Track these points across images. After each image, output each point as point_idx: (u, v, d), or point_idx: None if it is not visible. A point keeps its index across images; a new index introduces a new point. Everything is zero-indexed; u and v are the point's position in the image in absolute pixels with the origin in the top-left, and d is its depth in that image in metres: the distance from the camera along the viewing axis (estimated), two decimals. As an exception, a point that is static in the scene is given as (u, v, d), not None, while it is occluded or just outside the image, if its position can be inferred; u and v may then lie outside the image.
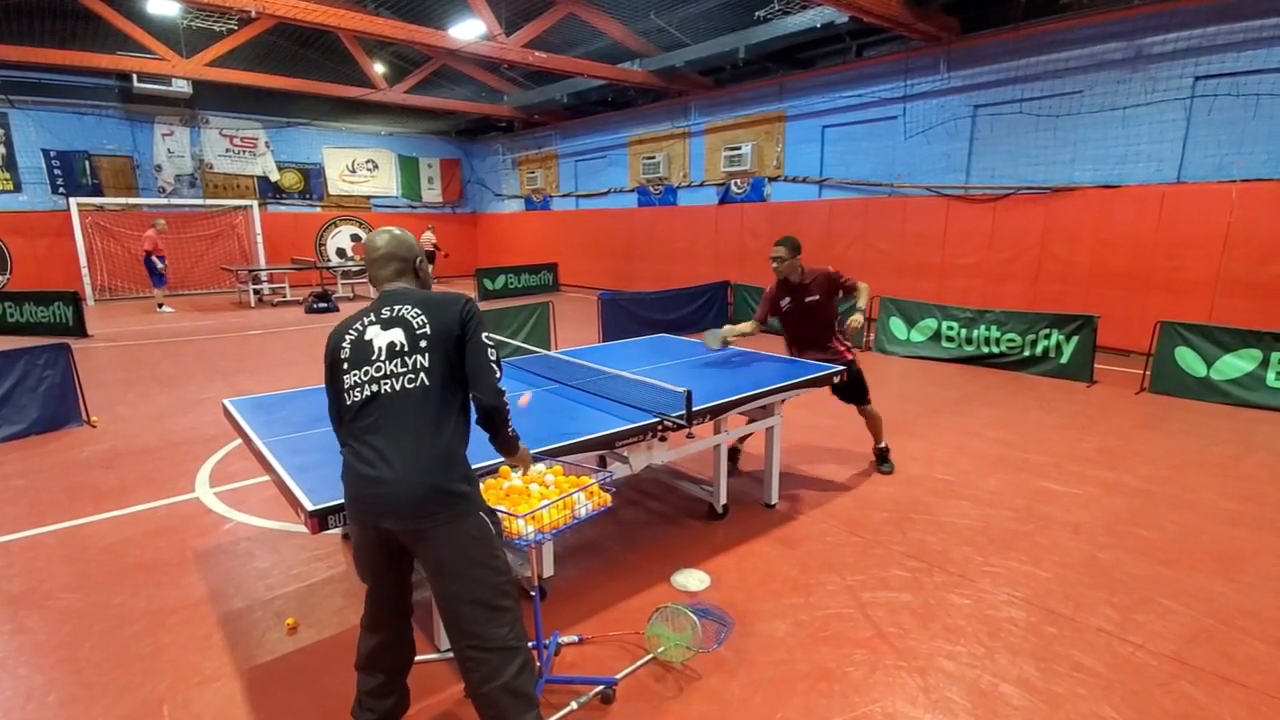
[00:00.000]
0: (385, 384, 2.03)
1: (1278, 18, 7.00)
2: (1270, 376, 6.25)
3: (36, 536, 4.01)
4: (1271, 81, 7.13)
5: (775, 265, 4.53)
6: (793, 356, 4.74)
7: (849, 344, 4.72)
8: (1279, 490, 4.45)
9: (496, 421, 2.15)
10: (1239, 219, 7.39)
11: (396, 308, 2.09)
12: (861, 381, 4.68)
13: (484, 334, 2.11)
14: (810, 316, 4.58)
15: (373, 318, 2.11)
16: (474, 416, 2.16)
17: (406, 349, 2.04)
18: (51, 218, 14.68)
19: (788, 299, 4.59)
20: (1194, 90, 7.63)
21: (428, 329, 2.05)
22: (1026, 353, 7.75)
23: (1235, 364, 6.43)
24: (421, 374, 2.02)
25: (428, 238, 17.56)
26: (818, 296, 4.52)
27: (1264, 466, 4.88)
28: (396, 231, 2.25)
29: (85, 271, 14.76)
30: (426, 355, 2.03)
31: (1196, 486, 4.53)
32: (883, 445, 4.88)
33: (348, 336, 2.12)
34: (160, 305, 13.80)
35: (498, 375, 2.10)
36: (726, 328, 4.70)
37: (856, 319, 4.41)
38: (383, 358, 2.05)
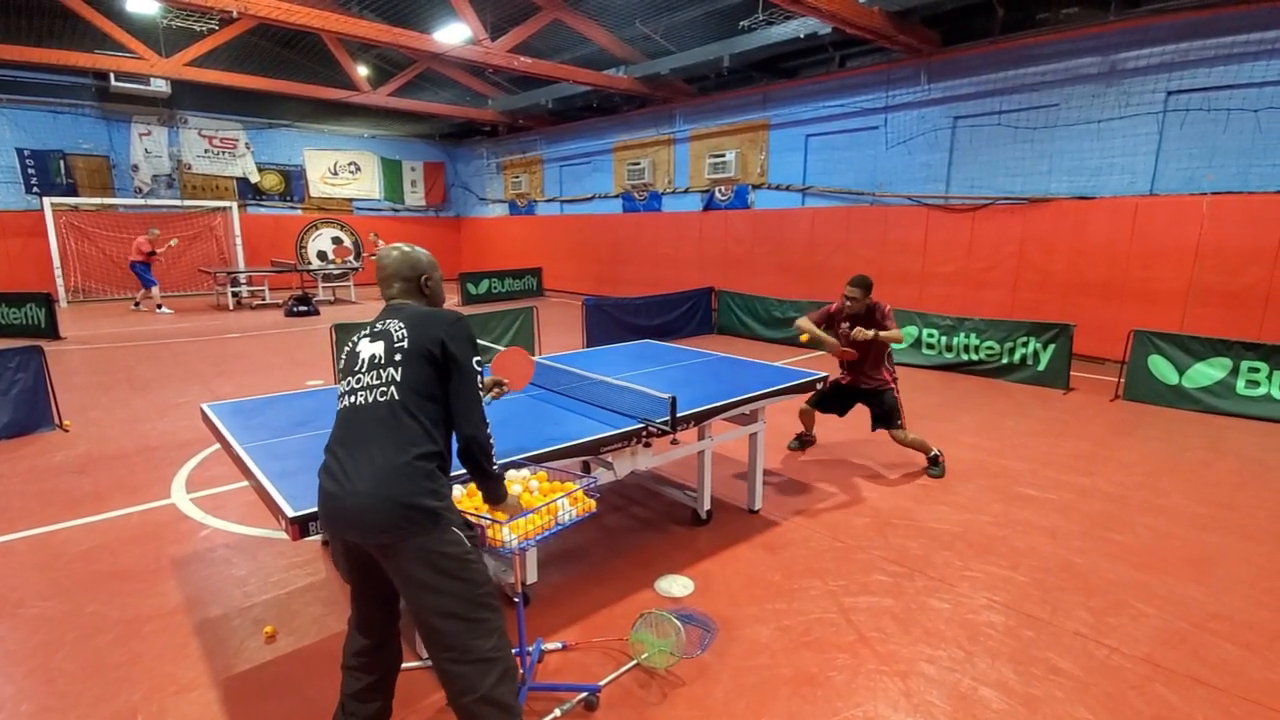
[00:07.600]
0: (360, 396, 2.05)
1: (1248, 34, 7.19)
2: (1240, 384, 6.40)
3: (7, 543, 3.92)
4: (1241, 97, 7.33)
5: (849, 305, 4.81)
6: (842, 380, 5.03)
7: (894, 374, 5.00)
8: (1248, 495, 4.56)
9: (476, 453, 2.09)
10: (1210, 231, 7.57)
11: (388, 321, 2.12)
12: (895, 408, 4.89)
13: (474, 359, 2.08)
14: (859, 344, 4.78)
15: (367, 330, 2.15)
16: (455, 447, 2.12)
17: (383, 362, 2.04)
18: (25, 217, 14.38)
19: (847, 323, 4.85)
20: (1167, 105, 7.81)
21: (405, 342, 2.04)
22: (1004, 360, 7.86)
23: (1206, 372, 6.57)
24: (391, 387, 2.01)
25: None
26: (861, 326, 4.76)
27: (1233, 472, 4.99)
28: (406, 249, 2.27)
29: (59, 273, 14.46)
30: (399, 369, 2.02)
31: (1169, 492, 4.62)
32: (933, 453, 4.98)
33: (347, 346, 2.18)
34: (159, 306, 13.70)
35: (484, 401, 2.09)
36: (812, 326, 4.94)
37: (865, 332, 4.62)
38: (364, 369, 2.07)
